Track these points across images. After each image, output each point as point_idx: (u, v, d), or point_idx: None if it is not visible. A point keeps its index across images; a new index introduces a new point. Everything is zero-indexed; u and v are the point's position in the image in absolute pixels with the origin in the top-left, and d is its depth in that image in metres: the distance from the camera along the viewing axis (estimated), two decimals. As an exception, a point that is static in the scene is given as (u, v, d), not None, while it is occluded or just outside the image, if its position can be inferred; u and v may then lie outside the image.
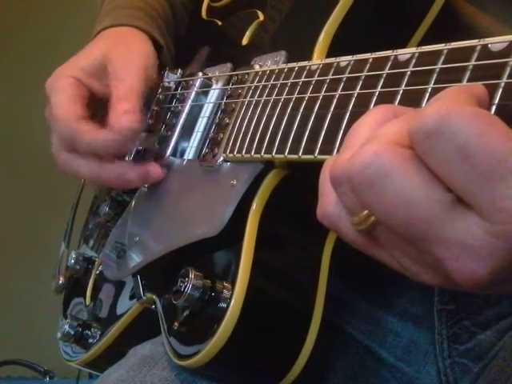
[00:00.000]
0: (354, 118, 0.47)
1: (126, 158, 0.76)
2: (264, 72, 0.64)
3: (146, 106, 0.78)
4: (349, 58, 0.52)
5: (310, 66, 0.57)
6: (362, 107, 0.48)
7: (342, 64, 0.53)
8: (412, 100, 0.43)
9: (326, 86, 0.53)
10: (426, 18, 0.63)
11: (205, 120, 0.73)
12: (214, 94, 0.74)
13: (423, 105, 0.42)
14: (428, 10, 0.63)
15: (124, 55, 0.76)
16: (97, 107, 0.76)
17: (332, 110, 0.51)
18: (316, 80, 0.55)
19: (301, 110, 0.55)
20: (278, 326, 0.63)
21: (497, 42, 0.38)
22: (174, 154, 0.76)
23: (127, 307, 0.82)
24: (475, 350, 0.65)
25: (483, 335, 0.64)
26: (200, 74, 0.76)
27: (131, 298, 0.82)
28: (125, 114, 0.70)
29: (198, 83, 0.76)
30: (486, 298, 0.63)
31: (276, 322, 0.63)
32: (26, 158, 2.43)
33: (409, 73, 0.45)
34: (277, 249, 0.64)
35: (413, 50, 0.46)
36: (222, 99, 0.71)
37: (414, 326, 0.69)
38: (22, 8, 2.54)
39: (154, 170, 0.75)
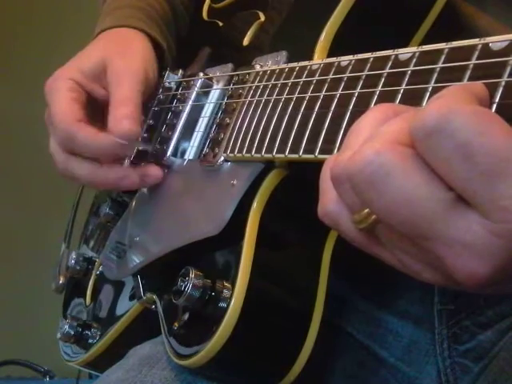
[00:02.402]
0: (354, 117, 0.47)
1: (126, 160, 0.77)
2: (265, 72, 0.64)
3: (146, 107, 0.78)
4: (350, 57, 0.52)
5: (311, 65, 0.57)
6: (362, 106, 0.48)
7: (343, 63, 0.53)
8: (412, 99, 0.43)
9: (326, 85, 0.54)
10: (426, 18, 0.63)
11: (205, 120, 0.73)
12: (214, 94, 0.74)
13: (424, 104, 0.42)
14: (429, 10, 0.63)
15: (123, 59, 0.76)
16: (97, 111, 0.76)
17: (333, 109, 0.51)
18: (317, 80, 0.55)
19: (301, 110, 0.55)
20: (278, 325, 0.63)
21: (497, 41, 0.38)
22: (174, 154, 0.76)
23: (127, 307, 0.82)
24: (476, 350, 0.65)
25: (483, 335, 0.64)
26: (201, 74, 0.76)
27: (131, 298, 0.82)
28: (123, 118, 0.71)
29: (198, 83, 0.76)
30: (487, 297, 0.63)
31: (276, 321, 0.63)
32: (26, 158, 2.42)
33: (409, 72, 0.45)
34: (277, 249, 0.64)
35: (413, 49, 0.46)
36: (223, 99, 0.71)
37: (415, 326, 0.69)
38: (23, 8, 2.55)
39: (153, 172, 0.75)
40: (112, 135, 0.70)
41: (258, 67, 0.67)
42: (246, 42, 0.76)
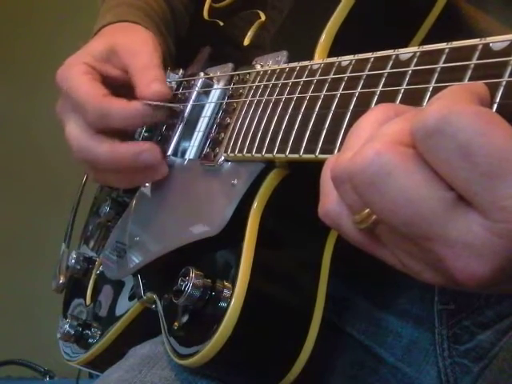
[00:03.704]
0: (355, 117, 0.47)
1: None
2: (265, 72, 0.64)
3: None
4: (350, 57, 0.52)
5: (312, 65, 0.57)
6: (363, 106, 0.48)
7: (344, 63, 0.53)
8: (413, 99, 0.43)
9: (327, 85, 0.54)
10: (427, 18, 0.63)
11: (206, 120, 0.73)
12: (215, 94, 0.74)
13: (424, 104, 0.42)
14: (429, 10, 0.63)
15: (133, 40, 0.77)
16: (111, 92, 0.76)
17: (333, 109, 0.51)
18: (317, 79, 0.55)
19: (302, 110, 0.55)
20: (278, 325, 0.63)
21: (498, 41, 0.38)
22: (175, 153, 0.76)
23: (127, 307, 0.82)
24: (475, 350, 0.65)
25: (483, 335, 0.64)
26: (201, 73, 0.76)
27: (131, 297, 0.82)
28: (151, 82, 0.71)
29: (199, 83, 0.76)
30: (487, 297, 0.63)
31: (276, 321, 0.63)
32: (26, 158, 2.43)
33: (410, 72, 0.45)
34: (277, 248, 0.64)
35: (414, 49, 0.46)
36: (224, 99, 0.71)
37: (414, 326, 0.69)
38: (23, 8, 2.55)
39: (162, 165, 0.75)
40: (144, 100, 0.70)
41: (258, 67, 0.67)
42: (246, 41, 0.76)
